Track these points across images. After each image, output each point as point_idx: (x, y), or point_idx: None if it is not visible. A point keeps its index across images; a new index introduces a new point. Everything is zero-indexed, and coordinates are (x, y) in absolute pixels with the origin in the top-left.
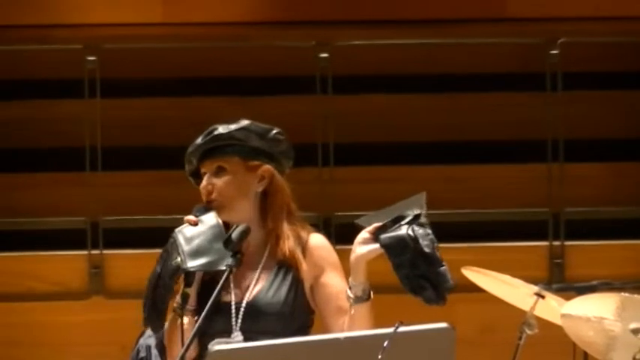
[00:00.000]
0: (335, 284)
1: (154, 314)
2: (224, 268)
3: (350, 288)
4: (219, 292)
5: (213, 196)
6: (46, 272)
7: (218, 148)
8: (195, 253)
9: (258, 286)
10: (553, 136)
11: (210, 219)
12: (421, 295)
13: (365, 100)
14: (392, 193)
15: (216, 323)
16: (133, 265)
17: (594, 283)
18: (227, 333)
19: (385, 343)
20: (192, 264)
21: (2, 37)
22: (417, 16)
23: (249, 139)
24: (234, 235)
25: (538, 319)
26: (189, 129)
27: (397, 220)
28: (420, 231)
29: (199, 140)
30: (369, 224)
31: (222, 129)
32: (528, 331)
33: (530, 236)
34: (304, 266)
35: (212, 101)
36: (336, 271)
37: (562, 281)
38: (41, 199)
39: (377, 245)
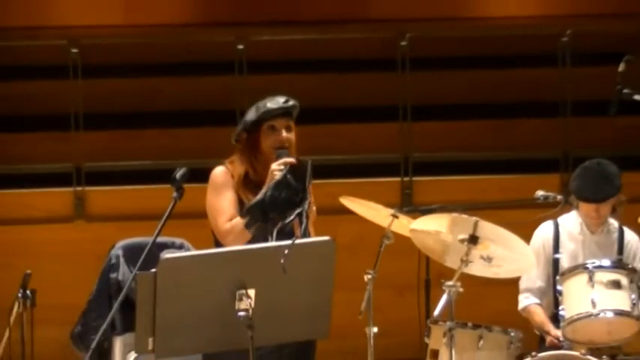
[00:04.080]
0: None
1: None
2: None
3: None
4: None
5: (288, 144)
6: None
7: (291, 113)
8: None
9: None
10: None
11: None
12: None
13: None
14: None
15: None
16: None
17: (433, 206)
18: None
19: (286, 251)
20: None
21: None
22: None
23: (296, 112)
24: None
25: (394, 233)
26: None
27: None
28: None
29: (282, 103)
30: None
31: (293, 101)
32: (387, 242)
33: (388, 174)
34: None
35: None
36: None
37: (410, 206)
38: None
39: None
